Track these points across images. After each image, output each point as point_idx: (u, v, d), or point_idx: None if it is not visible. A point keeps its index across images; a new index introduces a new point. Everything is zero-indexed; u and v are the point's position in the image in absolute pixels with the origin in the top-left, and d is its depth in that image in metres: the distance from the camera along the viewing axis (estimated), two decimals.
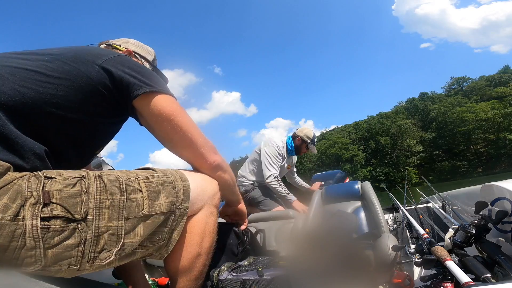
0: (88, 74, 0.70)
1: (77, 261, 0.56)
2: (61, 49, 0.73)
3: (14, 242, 0.50)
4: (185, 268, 0.76)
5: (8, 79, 0.62)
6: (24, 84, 0.63)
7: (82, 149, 0.76)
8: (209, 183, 0.84)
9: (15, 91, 0.61)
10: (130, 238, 0.62)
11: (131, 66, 0.76)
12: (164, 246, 0.70)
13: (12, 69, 0.64)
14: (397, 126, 55.02)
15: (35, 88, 0.63)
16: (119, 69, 0.73)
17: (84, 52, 0.74)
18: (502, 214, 0.81)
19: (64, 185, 0.57)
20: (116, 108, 0.76)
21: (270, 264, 0.94)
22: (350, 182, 2.31)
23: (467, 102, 51.25)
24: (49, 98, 0.65)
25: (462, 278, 0.62)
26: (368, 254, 1.16)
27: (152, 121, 0.77)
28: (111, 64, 0.73)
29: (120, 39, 1.02)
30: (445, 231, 0.93)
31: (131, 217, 0.62)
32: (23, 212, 0.52)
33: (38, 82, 0.64)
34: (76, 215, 0.56)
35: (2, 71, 0.63)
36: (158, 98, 0.76)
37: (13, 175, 0.55)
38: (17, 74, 0.63)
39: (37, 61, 0.68)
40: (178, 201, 0.71)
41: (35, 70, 0.65)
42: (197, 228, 0.78)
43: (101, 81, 0.71)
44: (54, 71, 0.67)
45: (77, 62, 0.70)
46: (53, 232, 0.53)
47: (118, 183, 0.63)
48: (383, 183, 20.38)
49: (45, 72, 0.66)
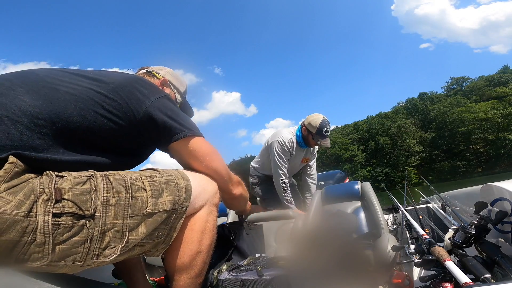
0: (135, 115, 0.76)
1: (82, 257, 0.58)
2: (116, 81, 0.79)
3: (25, 237, 0.52)
4: (185, 265, 0.77)
5: (71, 106, 0.68)
6: (82, 113, 0.69)
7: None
8: (210, 182, 0.86)
9: (73, 119, 0.67)
10: (134, 235, 0.65)
11: (172, 111, 0.83)
12: (162, 242, 0.72)
13: (76, 97, 0.70)
14: (396, 126, 55.03)
15: (91, 119, 0.70)
16: (161, 115, 0.80)
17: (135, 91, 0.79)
18: (501, 214, 0.81)
19: (75, 183, 0.60)
20: (151, 144, 0.85)
21: (269, 264, 0.94)
22: (350, 182, 2.31)
23: (467, 102, 51.27)
24: (97, 131, 0.71)
25: (462, 279, 0.62)
26: (367, 254, 1.16)
27: (189, 160, 0.86)
28: (155, 109, 0.79)
29: (159, 67, 1.10)
30: (445, 231, 0.93)
31: (135, 214, 0.65)
32: (36, 208, 0.54)
33: (95, 114, 0.70)
34: (86, 211, 0.58)
35: (67, 97, 0.69)
36: (195, 140, 0.84)
37: (30, 175, 0.58)
38: (79, 103, 0.69)
39: (98, 90, 0.73)
40: (180, 200, 0.73)
41: (96, 101, 0.72)
42: (198, 225, 0.80)
43: (144, 124, 0.78)
44: (110, 106, 0.73)
45: (129, 103, 0.76)
46: (63, 228, 0.55)
47: (123, 182, 0.66)
48: (382, 183, 20.41)
49: (102, 105, 0.72)
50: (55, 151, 0.64)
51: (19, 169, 0.56)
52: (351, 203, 1.78)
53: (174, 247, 0.76)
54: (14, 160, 0.55)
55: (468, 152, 49.25)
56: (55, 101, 0.67)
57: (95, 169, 0.69)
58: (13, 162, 0.55)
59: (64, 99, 0.68)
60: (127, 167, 0.82)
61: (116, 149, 0.77)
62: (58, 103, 0.67)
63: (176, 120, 0.82)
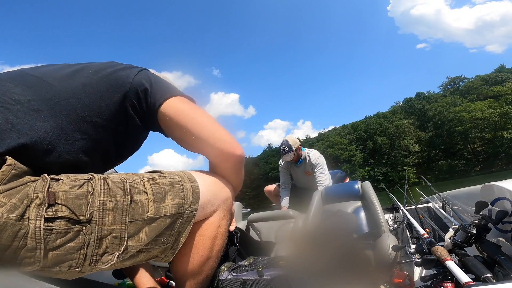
0: (124, 87, 0.75)
1: (78, 264, 0.55)
2: (98, 64, 0.79)
3: (16, 242, 0.50)
4: (195, 271, 0.75)
5: (61, 90, 0.68)
6: (74, 95, 0.68)
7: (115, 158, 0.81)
8: (222, 187, 0.82)
9: (67, 102, 0.67)
10: (134, 242, 0.61)
11: (157, 79, 0.81)
12: (170, 248, 0.68)
13: (64, 82, 0.70)
14: (394, 126, 55.21)
15: (84, 99, 0.69)
16: (148, 82, 0.78)
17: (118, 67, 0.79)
18: (502, 214, 0.81)
19: (71, 186, 0.57)
20: (143, 118, 0.80)
21: (270, 264, 0.94)
22: (350, 182, 2.31)
23: (464, 102, 51.48)
24: (94, 109, 0.70)
25: (462, 278, 0.62)
26: (368, 254, 1.16)
27: (176, 127, 0.78)
28: (142, 78, 0.78)
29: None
30: (445, 231, 0.93)
31: (135, 219, 0.61)
32: (28, 212, 0.52)
33: (86, 94, 0.70)
34: (81, 216, 0.55)
35: (55, 83, 0.69)
36: (177, 99, 0.79)
37: (28, 178, 0.56)
38: (69, 87, 0.69)
39: (83, 74, 0.73)
40: (186, 203, 0.69)
41: (84, 83, 0.71)
42: (210, 231, 0.76)
43: (134, 93, 0.76)
44: (98, 84, 0.73)
45: (116, 77, 0.75)
46: (56, 234, 0.53)
47: (122, 185, 0.62)
48: (382, 183, 20.42)
49: (91, 82, 0.72)
50: (58, 134, 0.63)
51: (17, 171, 0.54)
52: (352, 203, 1.78)
53: (183, 252, 0.72)
54: (12, 162, 0.54)
55: (465, 151, 49.48)
56: (45, 89, 0.67)
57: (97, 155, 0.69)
58: (11, 164, 0.53)
59: (53, 86, 0.68)
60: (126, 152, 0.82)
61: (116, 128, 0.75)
62: (48, 90, 0.67)
63: (161, 86, 0.79)
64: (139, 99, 0.76)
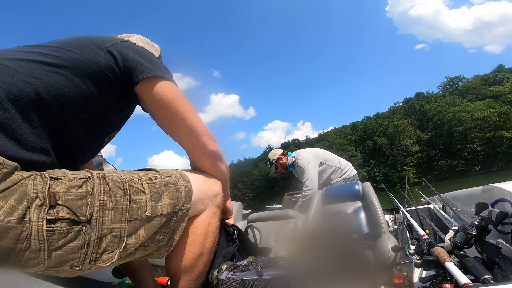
0: (95, 61, 0.70)
1: (79, 262, 0.56)
2: (65, 40, 0.74)
3: (19, 244, 0.50)
4: (187, 267, 0.76)
5: (18, 71, 0.61)
6: (34, 75, 0.62)
7: (93, 137, 0.76)
8: (212, 184, 0.85)
9: (26, 83, 0.61)
10: (133, 240, 0.62)
11: (135, 50, 0.76)
12: (165, 246, 0.70)
13: (20, 62, 0.64)
14: (394, 126, 55.27)
15: (46, 79, 0.63)
16: (124, 53, 0.73)
17: (89, 40, 0.73)
18: (502, 215, 0.81)
19: (70, 187, 0.57)
20: (123, 93, 0.76)
21: (269, 264, 0.94)
22: (350, 182, 2.31)
23: (463, 102, 51.51)
24: (61, 87, 0.64)
25: (462, 279, 0.62)
26: (368, 255, 1.17)
27: (152, 105, 0.77)
28: (116, 48, 0.73)
29: (128, 34, 1.01)
30: (445, 232, 0.93)
31: (134, 218, 0.62)
32: (29, 214, 0.51)
33: (48, 73, 0.64)
34: (82, 217, 0.56)
35: (10, 64, 0.62)
36: (160, 83, 0.75)
37: (20, 175, 0.54)
38: (26, 66, 0.63)
39: (43, 53, 0.67)
40: (180, 203, 0.71)
41: (43, 61, 0.65)
42: (200, 228, 0.78)
43: (108, 66, 0.71)
44: (62, 60, 0.67)
45: (83, 49, 0.70)
46: (58, 235, 0.53)
47: (121, 185, 0.63)
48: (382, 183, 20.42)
49: (53, 62, 0.66)
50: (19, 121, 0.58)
51: (7, 169, 0.52)
52: (352, 203, 1.78)
53: (176, 249, 0.74)
54: (1, 160, 0.52)
55: (465, 151, 49.53)
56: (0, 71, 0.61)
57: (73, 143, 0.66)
58: (1, 163, 0.52)
59: (9, 69, 0.61)
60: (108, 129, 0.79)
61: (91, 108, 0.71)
62: (2, 73, 0.60)
63: (139, 61, 0.73)
64: (114, 72, 0.72)
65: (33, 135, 0.60)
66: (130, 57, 0.73)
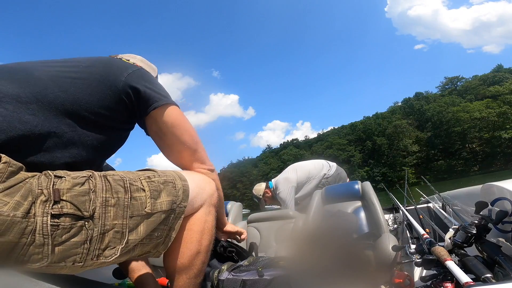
0: (116, 84, 0.77)
1: (82, 258, 0.58)
2: (90, 60, 0.81)
3: (23, 238, 0.51)
4: (185, 265, 0.78)
5: (50, 84, 0.69)
6: (63, 89, 0.70)
7: (102, 153, 0.82)
8: (207, 182, 0.87)
9: (56, 96, 0.68)
10: (134, 235, 0.64)
11: (150, 80, 0.85)
12: (162, 243, 0.72)
13: (53, 76, 0.71)
14: (393, 126, 55.39)
15: (73, 93, 0.70)
16: (141, 84, 0.81)
17: (111, 64, 0.82)
18: (502, 214, 0.81)
19: (74, 184, 0.59)
20: (131, 116, 0.84)
21: (270, 264, 0.94)
22: (350, 182, 2.31)
23: (462, 102, 51.64)
24: (84, 103, 0.71)
25: (462, 278, 0.62)
26: (368, 254, 1.17)
27: (164, 127, 0.85)
28: (135, 78, 0.81)
29: (129, 54, 1.09)
30: (446, 231, 0.93)
31: (134, 215, 0.65)
32: (34, 209, 0.53)
33: (76, 89, 0.71)
34: (85, 212, 0.58)
35: (43, 76, 0.70)
36: (171, 108, 0.85)
37: (25, 174, 0.57)
38: (58, 81, 0.71)
39: (73, 69, 0.75)
40: (178, 200, 0.73)
41: (73, 77, 0.73)
42: (197, 226, 0.80)
43: (125, 92, 0.78)
44: (89, 79, 0.74)
45: (107, 73, 0.77)
46: (62, 230, 0.55)
47: (122, 182, 0.66)
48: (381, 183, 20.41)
49: (82, 77, 0.74)
50: (47, 127, 0.64)
51: (13, 168, 0.55)
52: (352, 203, 1.78)
53: (173, 247, 0.76)
54: (7, 160, 0.55)
55: (464, 151, 49.65)
56: (32, 82, 0.67)
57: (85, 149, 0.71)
58: (7, 162, 0.54)
59: (41, 79, 0.69)
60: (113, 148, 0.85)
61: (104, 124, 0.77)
62: (35, 83, 0.67)
63: (154, 90, 0.83)
64: (130, 98, 0.79)
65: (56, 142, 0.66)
66: (147, 87, 0.82)
